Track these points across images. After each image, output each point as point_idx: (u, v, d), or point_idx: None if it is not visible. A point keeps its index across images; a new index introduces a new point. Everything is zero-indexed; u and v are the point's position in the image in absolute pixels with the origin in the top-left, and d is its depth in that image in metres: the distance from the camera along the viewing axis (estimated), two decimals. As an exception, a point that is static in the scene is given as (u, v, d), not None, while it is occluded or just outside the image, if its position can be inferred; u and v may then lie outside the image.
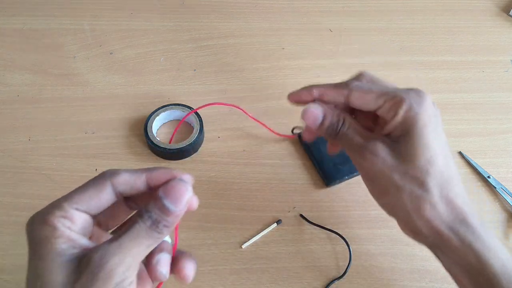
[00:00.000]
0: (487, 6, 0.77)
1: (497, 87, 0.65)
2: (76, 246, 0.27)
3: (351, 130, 0.37)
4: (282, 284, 0.46)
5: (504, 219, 0.52)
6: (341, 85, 0.37)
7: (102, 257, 0.26)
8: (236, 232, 0.50)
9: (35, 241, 0.27)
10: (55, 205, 0.28)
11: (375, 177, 0.35)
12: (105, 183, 0.29)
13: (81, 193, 0.29)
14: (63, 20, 0.71)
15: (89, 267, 0.26)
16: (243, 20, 0.72)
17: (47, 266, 0.26)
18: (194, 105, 0.58)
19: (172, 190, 0.28)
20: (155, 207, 0.28)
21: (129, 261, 0.26)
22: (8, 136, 0.57)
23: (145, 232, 0.27)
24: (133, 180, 0.30)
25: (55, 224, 0.27)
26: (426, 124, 0.34)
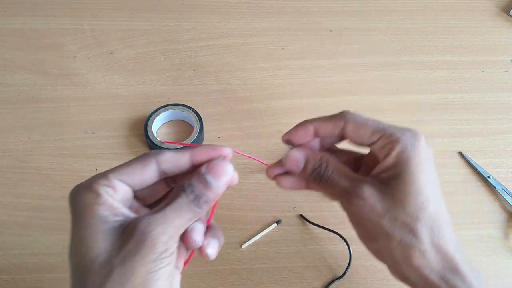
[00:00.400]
0: (487, 6, 0.77)
1: (497, 87, 0.65)
2: (118, 214, 0.28)
3: (336, 174, 0.35)
4: (282, 284, 0.46)
5: (504, 219, 0.52)
6: (336, 117, 0.35)
7: (148, 225, 0.27)
8: (236, 232, 0.50)
9: (79, 207, 0.28)
10: (100, 175, 0.29)
11: (364, 223, 0.33)
12: (150, 160, 0.30)
13: (126, 167, 0.30)
14: (63, 20, 0.71)
15: (134, 235, 0.27)
16: (243, 20, 0.72)
17: (91, 232, 0.27)
18: (194, 105, 0.58)
19: (214, 168, 0.30)
20: (198, 182, 0.29)
21: (172, 232, 0.28)
22: (8, 136, 0.57)
23: (187, 205, 0.29)
24: (177, 158, 0.31)
25: (99, 191, 0.28)
26: (419, 167, 0.32)
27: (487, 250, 0.50)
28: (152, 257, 0.26)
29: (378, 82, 0.65)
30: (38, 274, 0.46)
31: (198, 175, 0.29)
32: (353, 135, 0.35)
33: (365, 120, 0.34)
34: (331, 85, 0.64)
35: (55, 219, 0.50)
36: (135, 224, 0.27)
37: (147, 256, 0.26)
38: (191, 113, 0.57)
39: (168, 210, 0.28)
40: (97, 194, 0.28)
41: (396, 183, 0.32)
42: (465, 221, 0.52)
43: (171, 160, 0.31)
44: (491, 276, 0.48)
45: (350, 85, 0.64)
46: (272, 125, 0.59)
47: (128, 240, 0.27)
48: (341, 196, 0.34)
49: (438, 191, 0.33)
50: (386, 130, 0.33)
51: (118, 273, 0.26)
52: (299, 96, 0.63)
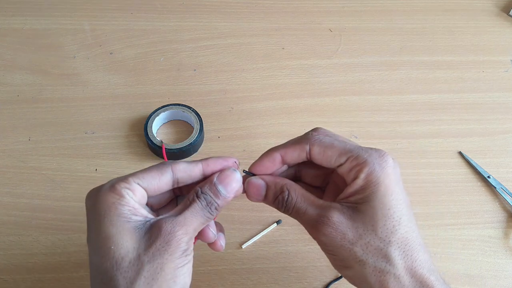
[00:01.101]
0: (487, 6, 0.77)
1: (497, 87, 0.65)
2: (138, 214, 0.30)
3: (300, 201, 0.34)
4: (282, 284, 0.46)
5: (504, 219, 0.52)
6: (301, 140, 0.35)
7: (173, 226, 0.30)
8: (236, 232, 0.50)
9: (103, 206, 0.30)
10: (120, 178, 0.31)
11: (335, 251, 0.32)
12: (167, 168, 0.33)
13: (145, 172, 0.32)
14: (63, 20, 0.71)
15: (161, 235, 0.29)
16: (243, 20, 0.72)
17: (118, 230, 0.29)
18: (194, 105, 0.58)
19: (225, 178, 0.33)
20: (210, 190, 0.32)
21: (191, 233, 0.31)
22: (8, 136, 0.57)
23: (201, 210, 0.32)
24: (191, 168, 0.33)
25: (121, 193, 0.30)
26: (388, 190, 0.31)
27: (487, 250, 0.50)
28: (178, 254, 0.29)
29: (378, 82, 0.65)
30: (38, 274, 0.46)
31: (210, 184, 0.33)
32: (319, 158, 0.34)
33: (331, 141, 0.34)
34: (331, 85, 0.64)
35: (55, 219, 0.50)
36: (160, 225, 0.30)
37: (174, 253, 0.29)
38: (191, 113, 0.57)
39: (188, 214, 0.31)
40: (120, 195, 0.30)
41: (366, 207, 0.31)
42: (465, 221, 0.52)
43: (186, 170, 0.33)
44: (491, 276, 0.48)
45: (350, 85, 0.64)
46: (272, 125, 0.59)
47: (155, 239, 0.29)
48: (309, 225, 0.33)
49: (408, 212, 0.32)
50: (353, 152, 0.32)
51: (149, 270, 0.28)
52: (299, 96, 0.63)
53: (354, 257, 0.31)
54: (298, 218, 0.34)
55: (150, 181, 0.32)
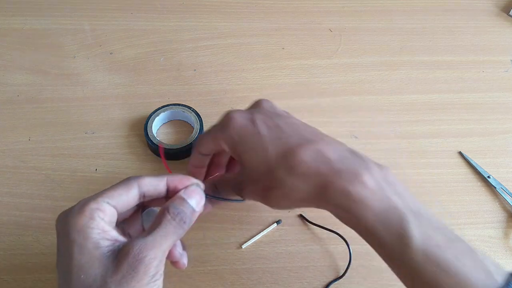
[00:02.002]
0: (487, 6, 0.77)
1: (497, 87, 0.65)
2: (108, 237, 0.30)
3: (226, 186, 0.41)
4: (282, 284, 0.46)
5: (504, 219, 0.52)
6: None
7: (140, 251, 0.29)
8: (236, 232, 0.50)
9: (72, 231, 0.29)
10: (89, 199, 0.31)
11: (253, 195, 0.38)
12: (133, 183, 0.33)
13: (112, 190, 0.32)
14: (63, 20, 0.71)
15: (127, 260, 0.29)
16: (243, 20, 0.72)
17: (87, 258, 0.29)
18: (194, 105, 0.58)
19: (192, 193, 0.34)
20: (181, 205, 0.33)
21: (161, 255, 0.30)
22: (8, 136, 0.57)
23: (173, 228, 0.32)
24: (156, 182, 0.34)
25: (92, 214, 0.30)
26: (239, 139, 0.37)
27: (487, 250, 0.50)
28: (146, 280, 0.29)
29: (378, 82, 0.65)
30: (38, 274, 0.46)
31: (180, 199, 0.33)
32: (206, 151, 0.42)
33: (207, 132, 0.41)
34: (331, 85, 0.64)
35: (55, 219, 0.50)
36: (128, 249, 0.29)
37: (142, 280, 0.28)
38: (191, 113, 0.57)
39: (157, 235, 0.31)
40: (89, 218, 0.30)
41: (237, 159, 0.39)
42: (465, 221, 0.52)
43: (151, 183, 0.33)
44: (491, 276, 0.48)
45: (350, 85, 0.64)
46: (272, 125, 0.59)
47: (122, 264, 0.28)
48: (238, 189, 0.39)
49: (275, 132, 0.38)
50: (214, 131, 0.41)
51: None
52: (299, 96, 0.63)
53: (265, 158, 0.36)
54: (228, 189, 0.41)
55: (119, 198, 0.32)
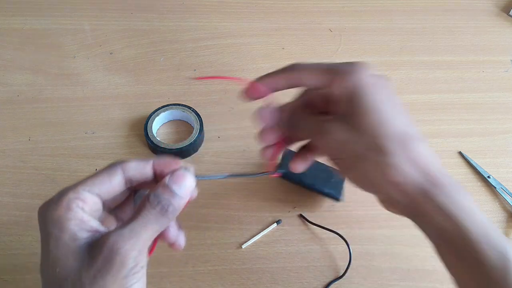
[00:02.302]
0: (487, 6, 0.77)
1: (497, 87, 0.65)
2: (87, 228, 0.28)
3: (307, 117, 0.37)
4: (282, 284, 0.46)
5: (504, 219, 0.52)
6: (287, 69, 0.38)
7: (115, 243, 0.27)
8: (236, 232, 0.50)
9: (49, 223, 0.28)
10: (68, 188, 0.29)
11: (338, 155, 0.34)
12: (116, 168, 0.31)
13: (94, 178, 0.30)
14: (63, 20, 0.71)
15: (102, 253, 0.26)
16: (243, 20, 0.72)
17: (62, 251, 0.27)
18: (194, 105, 0.58)
19: (179, 178, 0.30)
20: (164, 193, 0.30)
21: (140, 246, 0.28)
22: (8, 136, 0.57)
23: (154, 217, 0.29)
24: (141, 166, 0.32)
25: (69, 205, 0.28)
26: (366, 90, 0.33)
27: (487, 250, 0.50)
28: (123, 274, 0.26)
29: (378, 82, 0.65)
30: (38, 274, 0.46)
31: (163, 186, 0.30)
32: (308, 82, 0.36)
33: (316, 65, 0.37)
34: (331, 85, 0.64)
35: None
36: (103, 241, 0.27)
37: (118, 273, 0.26)
38: (191, 113, 0.57)
39: (135, 225, 0.28)
40: (66, 209, 0.28)
41: (352, 111, 0.33)
42: (465, 221, 0.52)
43: (136, 167, 0.32)
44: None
45: (350, 85, 0.64)
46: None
47: (96, 258, 0.27)
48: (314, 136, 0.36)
49: (400, 109, 0.34)
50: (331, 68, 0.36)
51: None
52: (299, 96, 0.63)
53: (354, 156, 0.33)
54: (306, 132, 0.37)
55: (101, 186, 0.30)
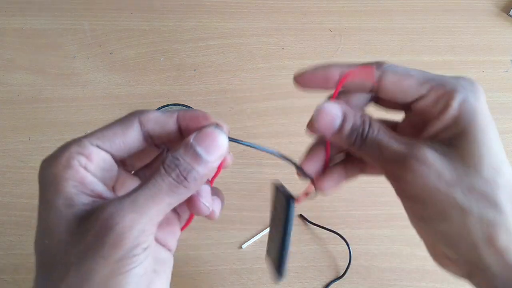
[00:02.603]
0: (487, 6, 0.77)
1: (497, 87, 0.65)
2: (88, 191, 0.23)
3: (382, 134, 0.27)
4: (282, 284, 0.46)
5: (504, 219, 0.52)
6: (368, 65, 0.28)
7: (111, 216, 0.21)
8: (236, 232, 0.50)
9: (45, 182, 0.24)
10: (73, 141, 0.24)
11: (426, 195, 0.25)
12: (133, 119, 0.26)
13: (104, 130, 0.25)
14: (63, 20, 0.71)
15: (94, 228, 0.21)
16: (243, 20, 0.72)
17: (53, 219, 0.22)
18: (194, 105, 0.58)
19: (207, 137, 0.24)
20: (185, 154, 0.23)
21: (144, 223, 0.22)
22: (8, 136, 0.57)
23: (168, 186, 0.23)
24: (163, 119, 0.26)
25: (69, 161, 0.23)
26: (487, 121, 0.25)
27: (487, 250, 0.50)
28: (117, 256, 0.21)
29: (378, 82, 0.65)
30: (38, 274, 0.46)
31: (185, 146, 0.23)
32: (394, 88, 0.27)
33: (407, 70, 0.27)
34: (331, 85, 0.64)
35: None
36: (99, 212, 0.21)
37: (110, 255, 0.21)
38: (191, 113, 0.57)
39: (140, 195, 0.22)
40: (65, 165, 0.23)
41: (464, 142, 0.25)
42: (465, 221, 0.52)
43: (156, 120, 0.26)
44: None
45: (350, 85, 0.64)
46: (272, 125, 0.59)
47: (89, 231, 0.21)
48: (391, 162, 0.26)
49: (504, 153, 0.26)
50: (436, 80, 0.26)
51: (73, 275, 0.21)
52: (299, 96, 0.62)
53: (453, 203, 0.24)
54: (375, 153, 0.27)
55: (113, 139, 0.25)
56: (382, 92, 0.27)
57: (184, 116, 0.26)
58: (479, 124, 0.25)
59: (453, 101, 0.25)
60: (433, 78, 0.26)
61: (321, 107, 0.27)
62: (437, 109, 0.26)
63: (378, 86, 0.27)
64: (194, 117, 0.26)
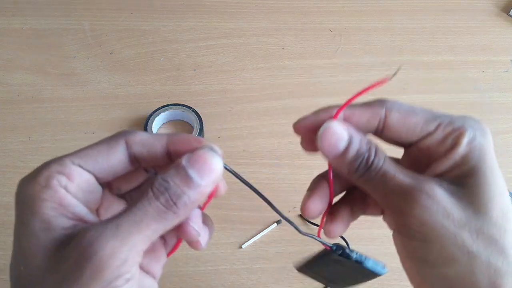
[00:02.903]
0: (487, 6, 0.77)
1: (497, 87, 0.65)
2: (69, 214, 0.21)
3: (388, 164, 0.25)
4: (282, 284, 0.46)
5: (504, 219, 0.52)
6: (373, 103, 0.26)
7: (90, 244, 0.19)
8: (236, 232, 0.50)
9: (19, 201, 0.22)
10: (55, 159, 0.23)
11: (432, 234, 0.23)
12: (118, 140, 0.24)
13: (88, 149, 0.23)
14: (63, 20, 0.71)
15: (73, 255, 0.20)
16: (243, 20, 0.72)
17: (29, 243, 0.21)
18: (194, 105, 0.58)
19: (200, 159, 0.22)
20: (176, 177, 0.21)
21: (127, 251, 0.20)
22: (8, 136, 0.57)
23: (155, 211, 0.21)
24: (151, 141, 0.24)
25: (47, 181, 0.21)
26: (494, 162, 0.25)
27: (487, 250, 0.50)
28: (98, 286, 0.19)
29: (378, 82, 0.65)
30: (38, 274, 0.46)
31: (176, 167, 0.22)
32: (398, 126, 0.25)
33: (412, 107, 0.26)
34: (331, 85, 0.64)
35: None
36: (79, 238, 0.20)
37: (90, 286, 0.19)
38: (191, 113, 0.57)
39: (125, 221, 0.20)
40: (43, 185, 0.21)
41: (473, 182, 0.24)
42: (465, 221, 0.52)
43: (143, 142, 0.24)
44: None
45: (350, 85, 0.64)
46: (272, 125, 0.59)
47: (67, 259, 0.20)
48: (396, 194, 0.24)
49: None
50: (442, 118, 0.25)
51: None
52: (299, 96, 0.63)
53: (461, 246, 0.22)
54: (380, 184, 0.25)
55: (97, 159, 0.23)
56: (387, 130, 0.26)
57: (174, 140, 0.24)
58: (488, 164, 0.24)
59: (463, 139, 0.24)
60: (439, 115, 0.25)
61: (327, 125, 0.25)
62: (445, 147, 0.25)
63: (383, 124, 0.26)
64: (185, 141, 0.24)
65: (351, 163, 0.25)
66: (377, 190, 0.25)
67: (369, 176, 0.25)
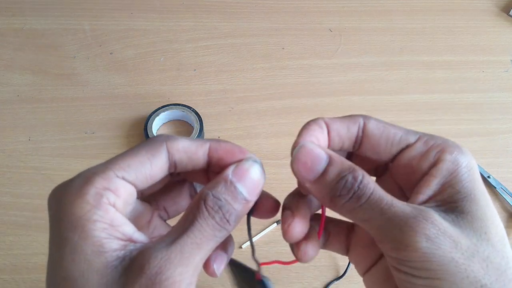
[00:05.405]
0: (487, 6, 0.77)
1: (497, 87, 0.65)
2: (118, 235, 0.20)
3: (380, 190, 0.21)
4: (282, 284, 0.46)
5: (504, 219, 0.52)
6: (352, 116, 0.24)
7: (160, 270, 0.19)
8: (236, 232, 0.49)
9: (65, 220, 0.20)
10: (96, 170, 0.21)
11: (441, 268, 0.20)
12: (159, 147, 0.22)
13: (129, 157, 0.21)
14: (63, 20, 0.71)
15: (140, 281, 0.19)
16: (243, 20, 0.72)
17: (81, 270, 0.19)
18: (194, 105, 0.58)
19: (244, 174, 0.22)
20: (226, 193, 0.21)
21: (191, 275, 0.20)
22: (8, 136, 0.57)
23: (211, 229, 0.21)
24: (193, 149, 0.23)
25: (97, 199, 0.20)
26: (482, 183, 0.22)
27: (487, 250, 0.50)
28: None
29: (378, 82, 0.65)
30: (38, 274, 0.46)
31: (225, 183, 0.21)
32: (379, 134, 0.23)
33: (389, 123, 0.24)
34: (331, 85, 0.64)
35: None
36: (142, 263, 0.19)
37: None
38: (191, 113, 0.57)
39: (187, 243, 0.20)
40: (93, 206, 0.20)
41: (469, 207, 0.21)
42: (465, 221, 0.52)
43: (186, 149, 0.23)
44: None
45: (350, 85, 0.64)
46: (272, 125, 0.59)
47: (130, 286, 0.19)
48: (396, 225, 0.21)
49: None
50: (421, 133, 0.24)
51: None
52: (299, 96, 0.63)
53: (472, 280, 0.20)
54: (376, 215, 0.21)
55: (139, 169, 0.21)
56: (366, 140, 0.24)
57: (217, 148, 0.23)
58: (479, 187, 0.22)
59: (446, 155, 0.22)
60: (416, 131, 0.24)
61: (301, 144, 0.23)
62: (428, 162, 0.22)
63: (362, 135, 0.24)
64: (229, 150, 0.23)
65: (333, 187, 0.22)
66: (369, 221, 0.21)
67: (357, 202, 0.21)
